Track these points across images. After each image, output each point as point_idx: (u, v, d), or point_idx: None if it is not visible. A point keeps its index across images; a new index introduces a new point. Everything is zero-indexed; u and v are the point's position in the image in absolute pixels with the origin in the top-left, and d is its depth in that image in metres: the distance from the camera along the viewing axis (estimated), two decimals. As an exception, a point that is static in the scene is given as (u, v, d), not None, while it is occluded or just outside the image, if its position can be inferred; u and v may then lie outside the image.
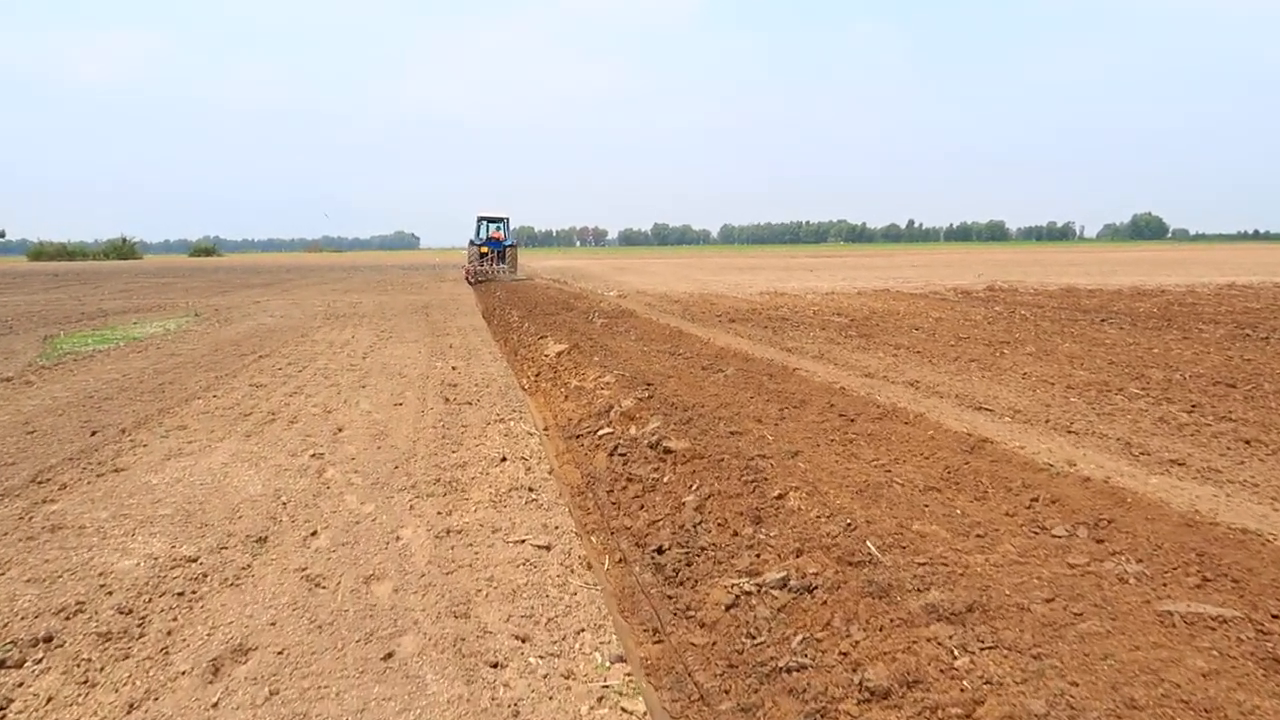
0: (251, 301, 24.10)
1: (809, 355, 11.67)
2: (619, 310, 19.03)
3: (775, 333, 14.44)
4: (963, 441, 6.36)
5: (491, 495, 5.56)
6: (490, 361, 11.58)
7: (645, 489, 5.92)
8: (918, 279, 33.01)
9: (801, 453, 6.18)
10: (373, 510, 5.25)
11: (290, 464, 6.28)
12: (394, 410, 8.28)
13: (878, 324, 15.57)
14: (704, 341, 12.98)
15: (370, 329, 15.93)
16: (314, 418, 7.93)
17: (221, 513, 5.18)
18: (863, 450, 6.31)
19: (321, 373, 10.53)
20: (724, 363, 10.77)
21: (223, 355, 12.19)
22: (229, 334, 15.16)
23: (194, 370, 10.77)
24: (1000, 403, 8.15)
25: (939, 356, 11.35)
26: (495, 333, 15.93)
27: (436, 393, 9.18)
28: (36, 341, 14.41)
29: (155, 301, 24.75)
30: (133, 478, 5.94)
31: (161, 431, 7.33)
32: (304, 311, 20.28)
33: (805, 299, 22.32)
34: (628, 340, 13.43)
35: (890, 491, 5.25)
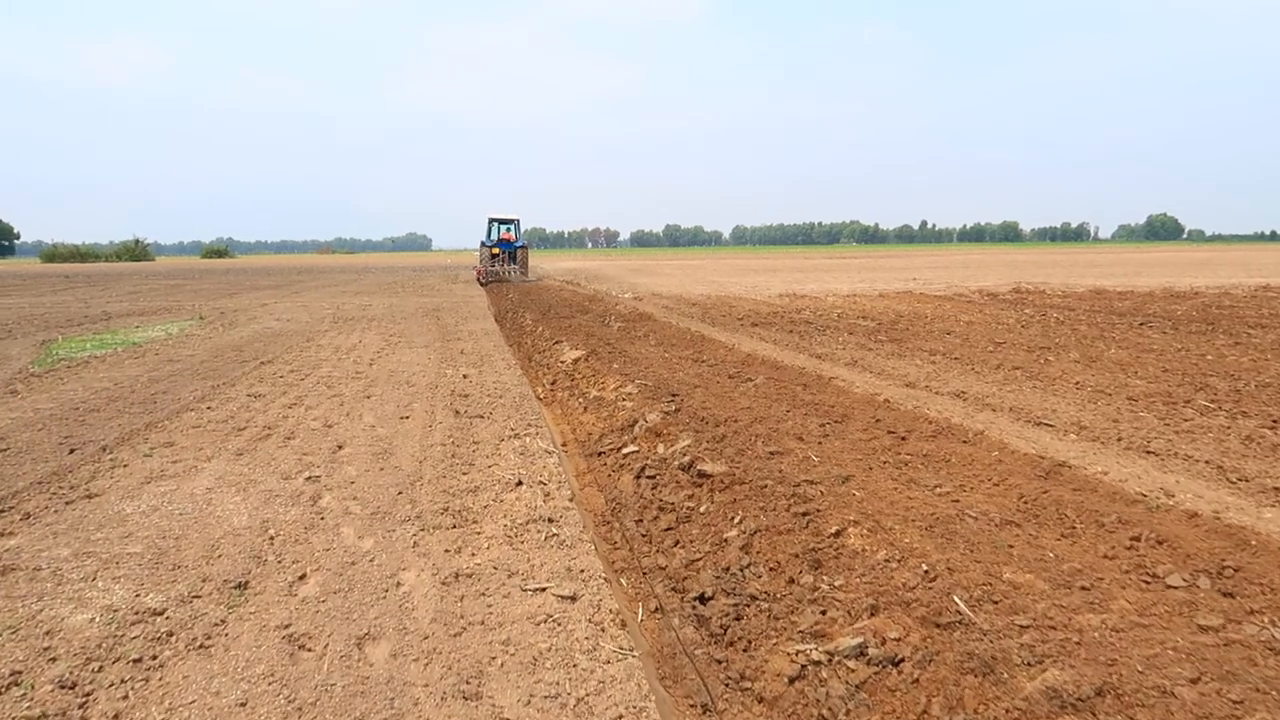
0: (259, 304, 23.52)
1: (841, 362, 10.96)
2: (636, 313, 18.36)
3: (801, 337, 13.73)
4: (1034, 465, 5.66)
5: (506, 528, 4.89)
6: (503, 369, 10.92)
7: (679, 519, 5.24)
8: (938, 281, 32.21)
9: (853, 478, 5.49)
10: (371, 547, 4.58)
11: (282, 489, 5.62)
12: (400, 424, 7.62)
13: (906, 328, 14.85)
14: (728, 347, 12.29)
15: (378, 333, 15.29)
16: (313, 433, 7.28)
17: (199, 550, 4.53)
18: (921, 475, 5.61)
19: (324, 381, 9.89)
20: (752, 370, 10.09)
21: (222, 362, 11.56)
22: (232, 338, 14.55)
23: (190, 378, 10.15)
24: (1060, 417, 7.44)
25: (979, 363, 10.63)
26: (508, 337, 15.27)
27: (446, 404, 8.52)
28: (33, 346, 13.83)
29: (161, 304, 24.20)
30: (105, 506, 5.29)
31: (145, 449, 6.69)
32: (311, 314, 19.68)
33: (827, 301, 21.60)
34: (647, 345, 12.75)
35: (964, 527, 4.56)
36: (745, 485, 5.35)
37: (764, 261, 68.81)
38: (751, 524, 4.77)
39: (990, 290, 24.93)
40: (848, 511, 4.77)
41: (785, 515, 4.81)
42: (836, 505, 4.90)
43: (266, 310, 21.17)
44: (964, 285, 28.31)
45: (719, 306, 20.43)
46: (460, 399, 8.79)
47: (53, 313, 21.25)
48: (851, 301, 21.32)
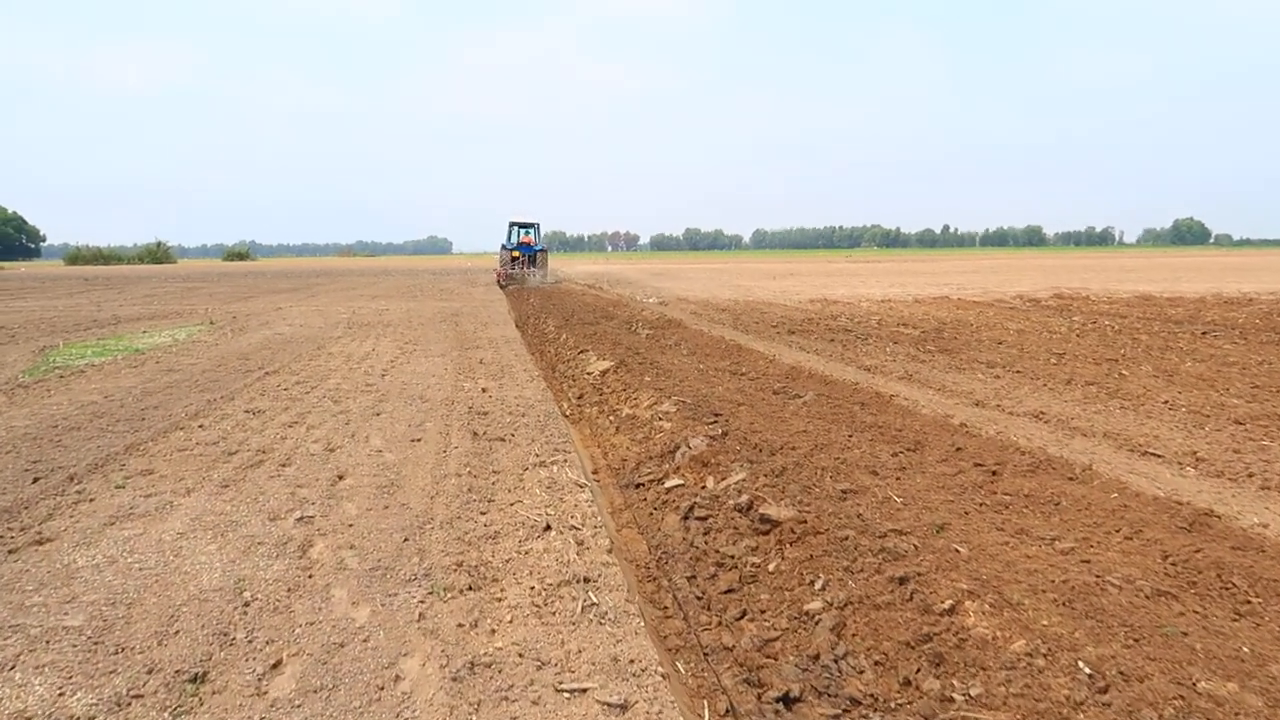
0: (273, 308, 22.76)
1: (894, 376, 10.00)
2: (664, 320, 17.43)
3: (844, 347, 12.77)
4: (1169, 512, 4.69)
5: (534, 592, 3.97)
6: (525, 381, 10.02)
7: (742, 578, 4.30)
8: (970, 285, 31.14)
9: (949, 526, 4.54)
10: (366, 620, 3.67)
11: (267, 534, 4.73)
12: (410, 449, 6.73)
13: (953, 336, 13.86)
14: (768, 358, 11.34)
15: (393, 340, 14.44)
16: (311, 459, 6.39)
17: (154, 623, 3.63)
18: (1030, 522, 4.65)
19: (331, 395, 9.02)
20: (799, 385, 9.14)
21: (225, 372, 10.73)
22: (239, 345, 13.74)
23: (187, 391, 9.31)
24: (1167, 445, 6.45)
25: (1047, 377, 9.64)
26: (530, 345, 14.38)
27: (463, 424, 7.63)
28: (31, 353, 13.07)
29: (174, 308, 23.50)
30: (55, 556, 4.42)
31: (119, 479, 5.82)
32: (325, 319, 18.87)
33: (861, 307, 20.61)
34: (680, 355, 11.82)
35: (1110, 601, 3.60)
36: (821, 536, 4.41)
37: (787, 265, 67.72)
38: (839, 592, 3.83)
39: (1030, 295, 23.86)
40: (956, 576, 3.82)
41: (879, 580, 3.86)
42: (940, 566, 3.95)
43: (280, 315, 20.40)
44: (1000, 290, 27.25)
45: (750, 312, 19.47)
46: (479, 417, 7.90)
47: (63, 316, 20.57)
48: (887, 307, 20.32)
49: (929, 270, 49.53)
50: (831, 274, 45.46)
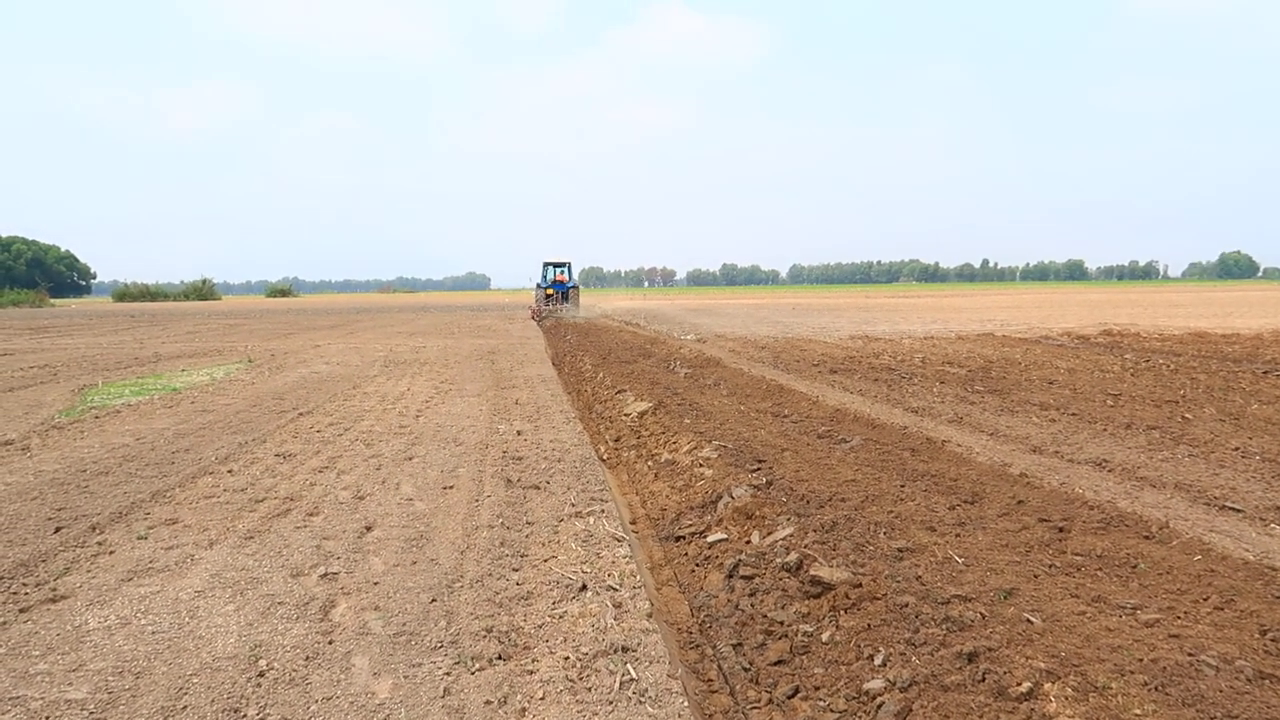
0: (311, 345, 22.82)
1: (945, 419, 9.60)
2: (702, 358, 17.13)
3: (889, 388, 12.37)
4: (1261, 578, 4.28)
5: (568, 665, 3.68)
6: (562, 423, 9.77)
7: (794, 648, 3.97)
8: (1014, 321, 30.52)
9: (1018, 592, 4.18)
10: (388, 696, 3.40)
11: (289, 593, 4.49)
12: (442, 497, 6.48)
13: (1002, 376, 13.40)
14: (810, 399, 11.00)
15: (429, 379, 14.30)
16: (340, 508, 6.17)
17: (161, 696, 3.39)
18: (1107, 587, 4.27)
19: (364, 438, 8.83)
20: (844, 429, 8.79)
21: (259, 413, 10.61)
22: (275, 384, 13.67)
23: (219, 433, 9.17)
24: (1246, 499, 6.01)
25: (1105, 421, 9.19)
26: (566, 384, 14.16)
27: (497, 469, 7.38)
28: (70, 392, 13.09)
29: (215, 345, 23.66)
30: (67, 616, 4.21)
31: (142, 528, 5.63)
32: (363, 357, 18.83)
33: (903, 345, 20.16)
34: (719, 396, 11.51)
35: (1207, 686, 3.22)
36: (878, 602, 4.07)
37: (825, 300, 67.26)
38: (901, 670, 3.49)
39: (1077, 332, 23.24)
40: (1031, 652, 3.47)
41: (945, 656, 3.51)
42: (1011, 640, 3.60)
43: (318, 352, 20.42)
44: (1045, 326, 26.65)
45: (789, 350, 19.11)
46: (513, 463, 7.65)
47: (106, 354, 20.77)
48: (931, 345, 19.85)
49: (970, 305, 48.82)
50: (871, 309, 44.95)
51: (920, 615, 3.88)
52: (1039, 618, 3.85)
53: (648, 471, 7.88)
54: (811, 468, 6.94)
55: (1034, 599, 4.10)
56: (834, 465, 7.08)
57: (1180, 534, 5.09)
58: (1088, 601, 4.09)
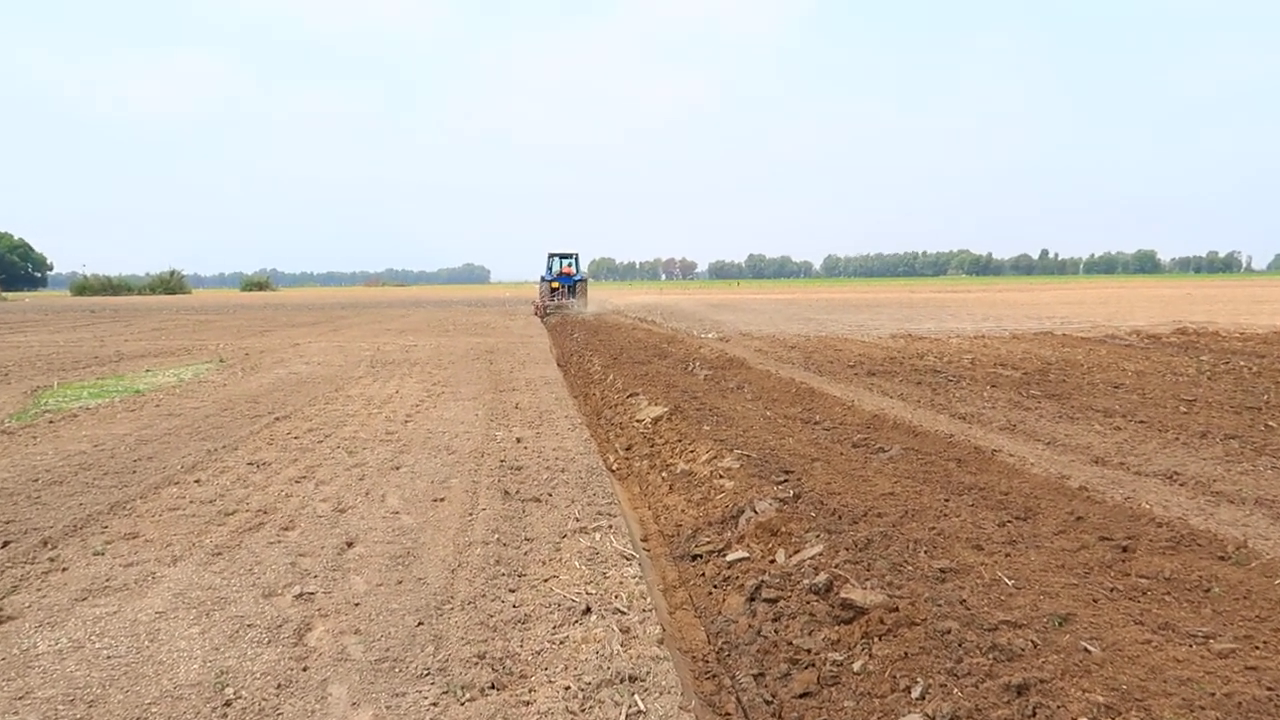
0: (290, 344, 22.95)
1: (996, 426, 9.57)
2: (724, 358, 17.13)
3: (934, 391, 12.34)
4: (1351, 604, 4.25)
5: (569, 695, 3.68)
6: (566, 430, 9.79)
7: (821, 680, 3.96)
8: (1078, 318, 30.39)
9: (1075, 617, 4.16)
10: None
11: (260, 615, 4.51)
12: (431, 510, 6.51)
13: (1062, 379, 13.34)
14: (845, 404, 10.98)
15: (420, 381, 14.36)
16: (318, 522, 6.20)
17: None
18: (1175, 614, 4.24)
19: (346, 446, 8.88)
20: (882, 436, 8.78)
21: (230, 417, 10.68)
22: (249, 387, 13.76)
23: (186, 439, 9.24)
24: (1336, 516, 5.96)
25: (1177, 429, 9.13)
26: (573, 387, 14.20)
27: (493, 480, 7.41)
28: (22, 394, 13.22)
29: (183, 343, 23.84)
30: (14, 639, 4.24)
31: (98, 544, 5.68)
32: (347, 357, 18.93)
33: (951, 344, 20.11)
34: (743, 400, 11.51)
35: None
36: (917, 628, 4.06)
37: (864, 295, 67.13)
38: (942, 703, 3.47)
39: (1147, 331, 23.11)
40: (1088, 685, 3.45)
41: (991, 689, 3.50)
42: (1066, 671, 3.58)
43: (297, 351, 20.54)
44: (1111, 324, 26.52)
45: (822, 350, 19.10)
46: (512, 473, 7.67)
47: (62, 352, 20.97)
48: (982, 345, 19.79)
49: (1027, 301, 48.60)
50: (916, 305, 44.83)
51: (964, 643, 3.87)
52: (1098, 646, 3.83)
53: (661, 483, 7.89)
54: (845, 479, 6.93)
55: (1093, 626, 4.08)
56: (870, 477, 7.07)
57: (1260, 555, 5.05)
58: (1153, 629, 4.07)
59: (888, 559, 4.96)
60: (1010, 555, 5.12)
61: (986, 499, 6.36)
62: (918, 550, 5.15)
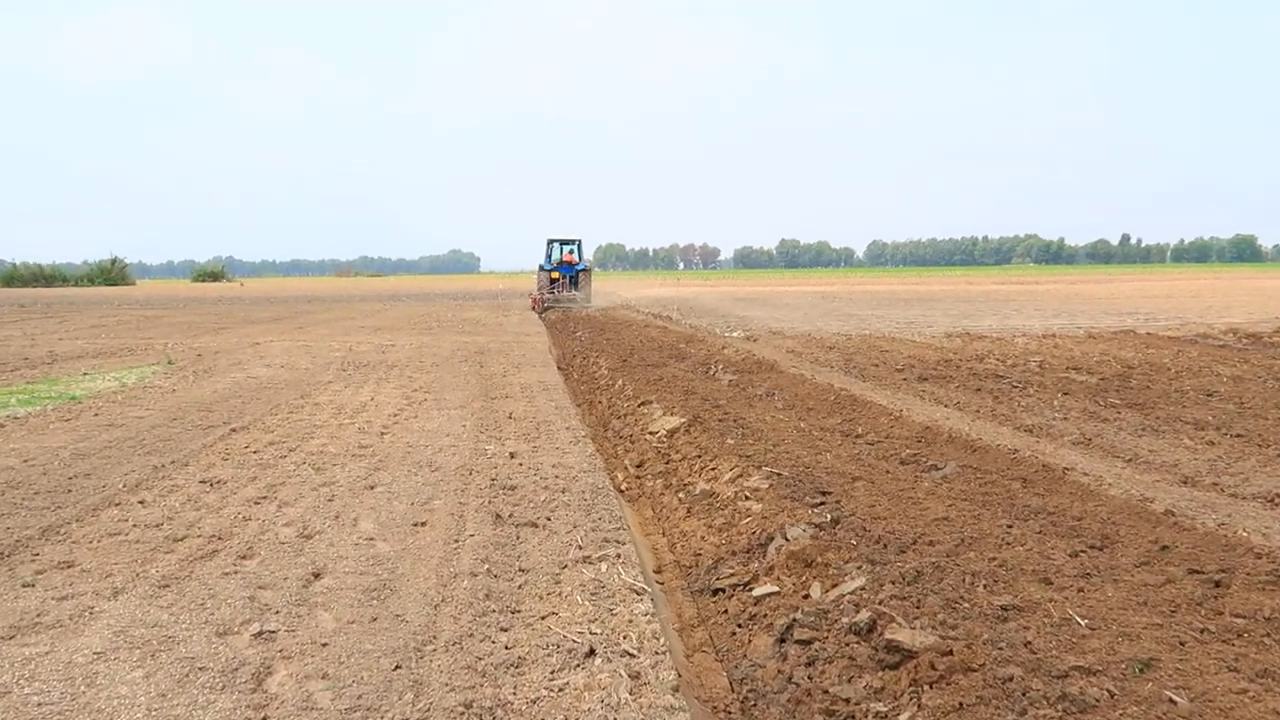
0: (249, 343, 23.11)
1: (1066, 440, 9.58)
2: (752, 360, 17.18)
3: (996, 399, 12.36)
4: None
5: (569, 751, 3.70)
6: (568, 443, 9.85)
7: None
8: (1164, 314, 30.46)
9: (1158, 663, 4.16)
10: (336, 788, 3.44)
11: (213, 656, 4.55)
12: (412, 536, 6.56)
13: (1145, 385, 13.34)
14: (892, 414, 11.00)
15: (399, 387, 14.46)
16: (281, 549, 6.26)
17: (49, 784, 3.45)
18: (1276, 659, 4.24)
19: (313, 461, 8.95)
20: (935, 452, 8.80)
21: (180, 428, 10.77)
22: (202, 392, 13.87)
23: (130, 453, 9.33)
24: None
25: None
26: (575, 394, 14.28)
27: (483, 501, 7.47)
28: (-59, 401, 13.34)
29: (126, 342, 24.02)
30: (-69, 682, 4.29)
31: (28, 574, 5.74)
32: (314, 359, 19.06)
33: (1015, 345, 20.13)
34: (773, 409, 11.56)
35: None
36: (974, 675, 4.06)
37: (915, 287, 67.20)
38: (1002, 762, 3.48)
39: (1246, 329, 23.07)
40: (1175, 742, 3.45)
41: (1061, 746, 3.50)
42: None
43: (257, 352, 20.69)
44: (1203, 321, 26.56)
45: (865, 351, 19.14)
46: (504, 493, 7.73)
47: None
48: (1052, 345, 19.81)
49: (1105, 294, 48.62)
50: (975, 300, 44.87)
51: (1029, 692, 3.87)
52: (1185, 696, 3.83)
53: (678, 505, 7.94)
54: (891, 502, 6.96)
55: (1179, 672, 4.08)
56: (921, 499, 7.09)
57: (1376, 591, 5.03)
58: (1250, 677, 4.06)
59: (940, 594, 4.97)
60: (1083, 590, 5.13)
61: (1056, 525, 6.37)
62: (976, 584, 5.16)
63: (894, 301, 43.93)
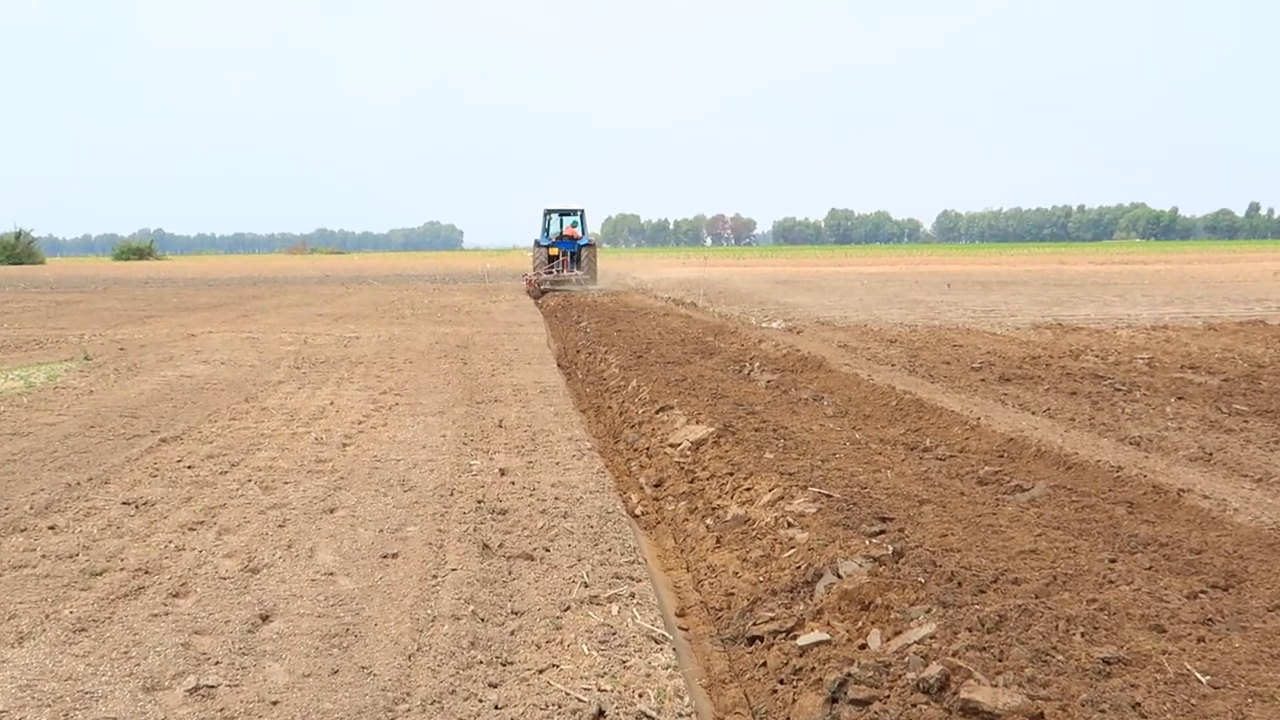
0: (184, 334, 23.25)
1: (1182, 455, 9.55)
2: (795, 357, 17.22)
3: (1095, 405, 12.35)
4: None
5: (573, 834, 3.70)
6: (571, 457, 9.89)
7: (933, 817, 3.97)
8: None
9: (1300, 736, 4.15)
10: None
11: (139, 717, 4.57)
12: (380, 571, 6.59)
13: (1278, 388, 13.29)
14: (967, 423, 11.00)
15: (365, 388, 14.54)
16: (221, 586, 6.29)
17: None
18: None
19: (260, 479, 8.99)
20: (1020, 469, 8.84)
21: (99, 438, 10.84)
22: (126, 395, 13.95)
23: (38, 468, 9.39)
24: None
25: None
26: (579, 397, 14.33)
27: (467, 528, 7.51)
28: None
29: (33, 333, 24.19)
30: None
31: (-85, 615, 5.78)
32: (262, 354, 19.16)
33: (1119, 338, 20.12)
34: (821, 417, 11.59)
35: None
36: (1070, 745, 4.06)
37: (994, 267, 67.22)
38: None
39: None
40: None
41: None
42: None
43: (192, 345, 20.83)
44: (1351, 310, 26.42)
45: (935, 346, 19.16)
46: (493, 518, 7.78)
47: None
48: (1163, 339, 19.82)
49: (1228, 275, 48.55)
50: (1067, 282, 44.87)
51: (1138, 766, 3.86)
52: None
53: (705, 534, 7.96)
54: (967, 530, 6.99)
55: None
56: (1003, 527, 7.11)
57: None
58: None
59: (1028, 645, 4.97)
60: (1204, 640, 5.13)
61: (1170, 559, 6.38)
62: (1071, 632, 5.16)
63: (969, 285, 43.90)
